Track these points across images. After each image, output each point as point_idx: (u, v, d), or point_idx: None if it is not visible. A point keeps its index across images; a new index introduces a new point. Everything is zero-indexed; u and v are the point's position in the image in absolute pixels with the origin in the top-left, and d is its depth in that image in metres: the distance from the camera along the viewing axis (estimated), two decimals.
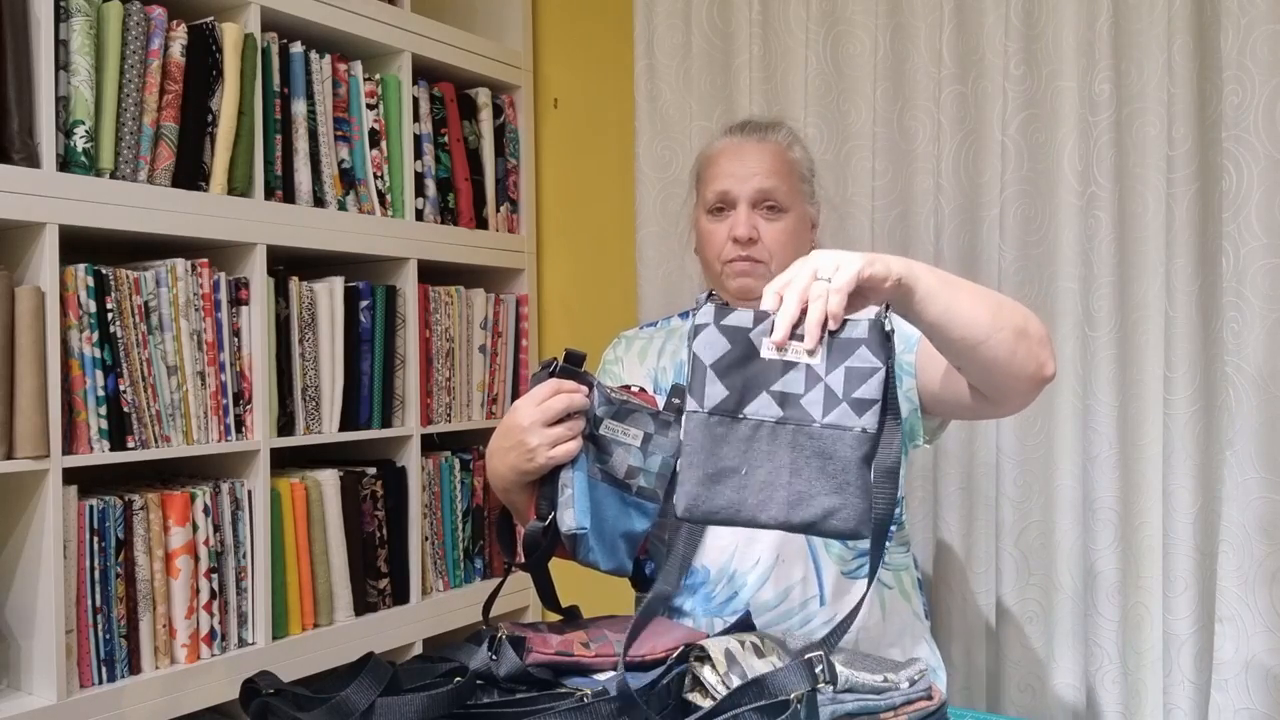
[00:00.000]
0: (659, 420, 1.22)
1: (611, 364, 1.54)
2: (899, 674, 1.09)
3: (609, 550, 1.20)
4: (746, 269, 1.42)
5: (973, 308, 1.12)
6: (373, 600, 1.85)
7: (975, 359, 1.15)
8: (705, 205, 1.47)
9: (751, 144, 1.46)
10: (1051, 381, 1.19)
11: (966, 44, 1.73)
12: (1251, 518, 1.45)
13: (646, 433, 1.21)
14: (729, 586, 1.36)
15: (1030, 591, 1.71)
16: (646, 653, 1.12)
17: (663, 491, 1.23)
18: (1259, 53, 1.43)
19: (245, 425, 1.64)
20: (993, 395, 1.22)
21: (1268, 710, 1.45)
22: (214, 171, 1.59)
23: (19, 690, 1.42)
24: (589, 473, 1.19)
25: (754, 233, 1.41)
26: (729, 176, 1.44)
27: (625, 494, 1.21)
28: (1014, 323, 1.14)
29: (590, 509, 1.18)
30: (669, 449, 1.22)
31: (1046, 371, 1.18)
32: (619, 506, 1.21)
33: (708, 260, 1.48)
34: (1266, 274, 1.44)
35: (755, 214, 1.42)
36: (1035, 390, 1.20)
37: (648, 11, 2.00)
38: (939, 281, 1.12)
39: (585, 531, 1.16)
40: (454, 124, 2.06)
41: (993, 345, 1.13)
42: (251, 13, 1.64)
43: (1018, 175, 1.67)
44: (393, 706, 0.98)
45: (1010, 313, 1.15)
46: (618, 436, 1.21)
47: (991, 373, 1.17)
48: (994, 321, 1.12)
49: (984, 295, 1.15)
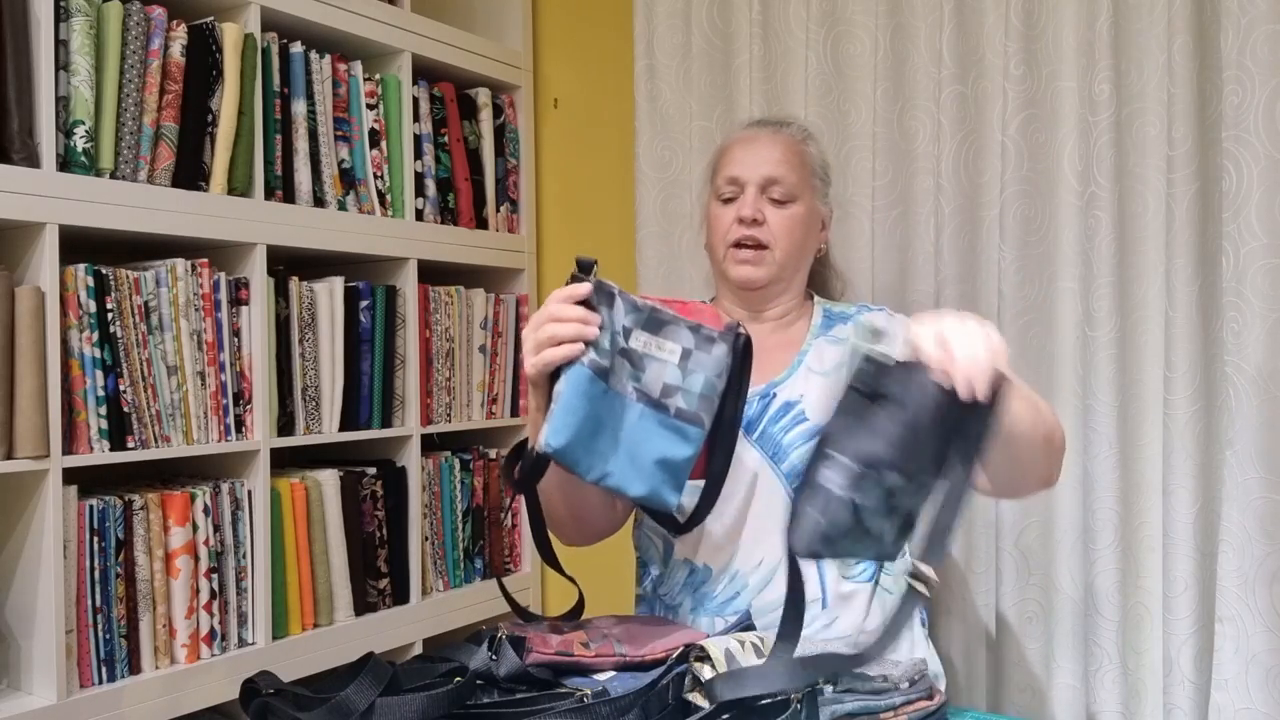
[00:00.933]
0: (700, 335, 1.11)
1: None
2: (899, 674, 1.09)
3: (640, 474, 1.10)
4: (749, 257, 1.43)
5: (1022, 410, 1.12)
6: (373, 600, 1.85)
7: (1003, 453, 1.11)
8: (716, 192, 1.48)
9: (766, 134, 1.49)
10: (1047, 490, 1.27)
11: (966, 44, 1.73)
12: (1251, 518, 1.45)
13: (685, 348, 1.11)
14: (730, 587, 1.36)
15: (1030, 592, 1.71)
16: (646, 653, 1.12)
17: (708, 416, 1.11)
18: (1259, 53, 1.43)
19: (245, 425, 1.64)
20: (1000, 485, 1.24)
21: (1268, 710, 1.45)
22: (214, 171, 1.59)
23: (19, 690, 1.42)
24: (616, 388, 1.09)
25: (759, 214, 1.42)
26: (739, 163, 1.45)
27: (664, 415, 1.11)
28: (1046, 430, 1.17)
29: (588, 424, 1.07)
30: (712, 368, 1.11)
31: (1052, 482, 1.27)
32: (655, 428, 1.10)
33: (713, 247, 1.49)
34: (1266, 274, 1.44)
35: (762, 199, 1.43)
36: (1036, 491, 1.29)
37: (648, 11, 2.00)
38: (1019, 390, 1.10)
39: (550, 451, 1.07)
40: (454, 124, 2.06)
41: (1023, 444, 1.15)
42: (251, 13, 1.64)
43: (1018, 175, 1.67)
44: (393, 706, 0.98)
45: (1045, 418, 1.18)
46: (651, 350, 1.10)
47: (1010, 467, 1.18)
48: (1033, 425, 1.15)
49: (1028, 398, 1.16)
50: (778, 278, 1.45)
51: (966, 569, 1.74)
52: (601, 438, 1.10)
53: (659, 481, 1.10)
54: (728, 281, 1.47)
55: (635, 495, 1.11)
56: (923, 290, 1.77)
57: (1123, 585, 1.62)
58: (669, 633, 1.19)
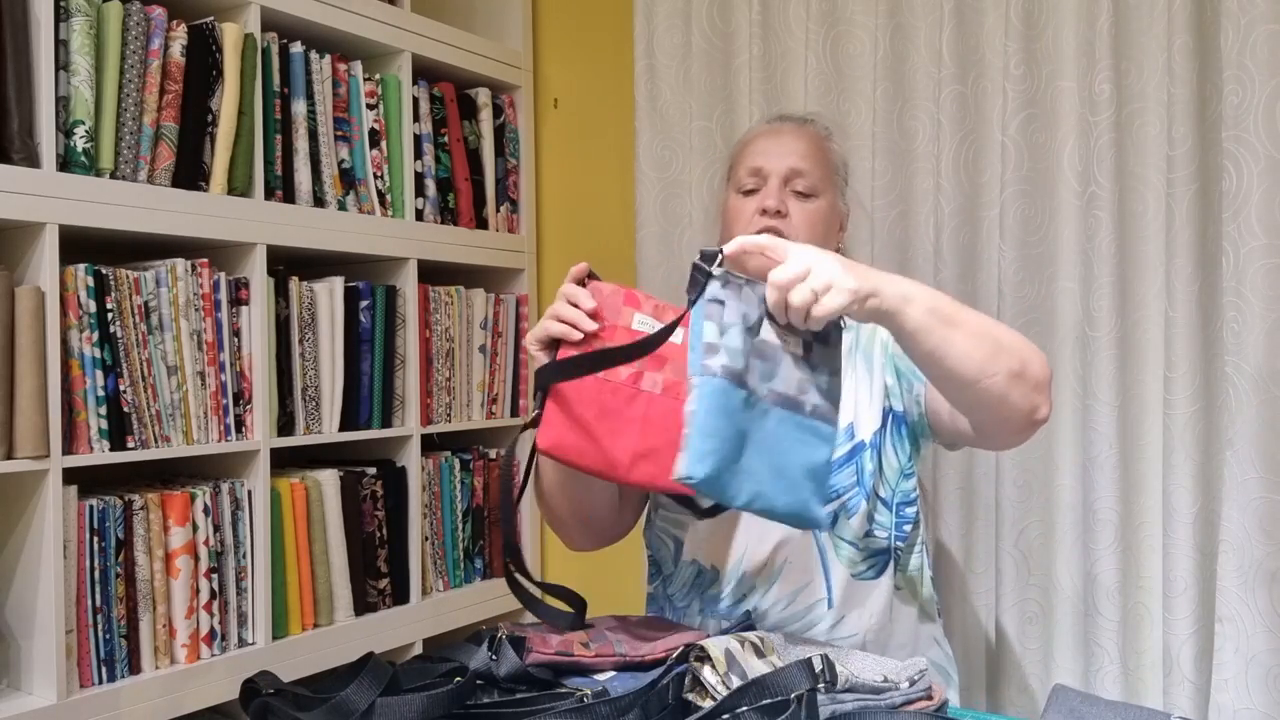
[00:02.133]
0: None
1: None
2: (899, 674, 1.09)
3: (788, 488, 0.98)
4: None
5: (966, 350, 1.11)
6: (373, 600, 1.85)
7: (961, 396, 1.16)
8: (737, 185, 1.45)
9: (789, 128, 1.47)
10: (1044, 423, 1.20)
11: (966, 44, 1.73)
12: (1251, 518, 1.45)
13: (805, 341, 1.00)
14: (737, 588, 1.35)
15: (1030, 592, 1.71)
16: (646, 653, 1.12)
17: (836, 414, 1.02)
18: (1259, 53, 1.43)
19: (245, 425, 1.64)
20: (979, 429, 1.23)
21: (1268, 710, 1.45)
22: (214, 171, 1.59)
23: (19, 690, 1.42)
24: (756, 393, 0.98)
25: (783, 206, 1.39)
26: (763, 154, 1.43)
27: (800, 416, 1.00)
28: (1009, 366, 1.13)
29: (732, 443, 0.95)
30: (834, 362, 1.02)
31: (1039, 415, 1.17)
32: (794, 433, 0.99)
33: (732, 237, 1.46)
34: (1266, 274, 1.44)
35: (786, 192, 1.41)
36: (1025, 431, 1.21)
37: (648, 11, 2.00)
38: (935, 319, 1.10)
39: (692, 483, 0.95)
40: (454, 124, 2.06)
41: (982, 387, 1.12)
42: (251, 13, 1.64)
43: (1018, 175, 1.67)
44: (393, 706, 0.98)
45: (1008, 356, 1.13)
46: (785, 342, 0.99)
47: (980, 412, 1.18)
48: (988, 365, 1.11)
49: (983, 335, 1.13)
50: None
51: (966, 569, 1.75)
52: (748, 453, 0.98)
53: (808, 494, 0.99)
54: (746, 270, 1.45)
55: (781, 513, 0.99)
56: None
57: (1123, 585, 1.62)
58: (669, 633, 1.19)
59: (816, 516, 1.01)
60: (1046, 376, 1.18)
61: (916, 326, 1.09)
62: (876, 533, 1.35)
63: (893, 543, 1.36)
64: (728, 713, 0.95)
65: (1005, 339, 1.16)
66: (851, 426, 1.34)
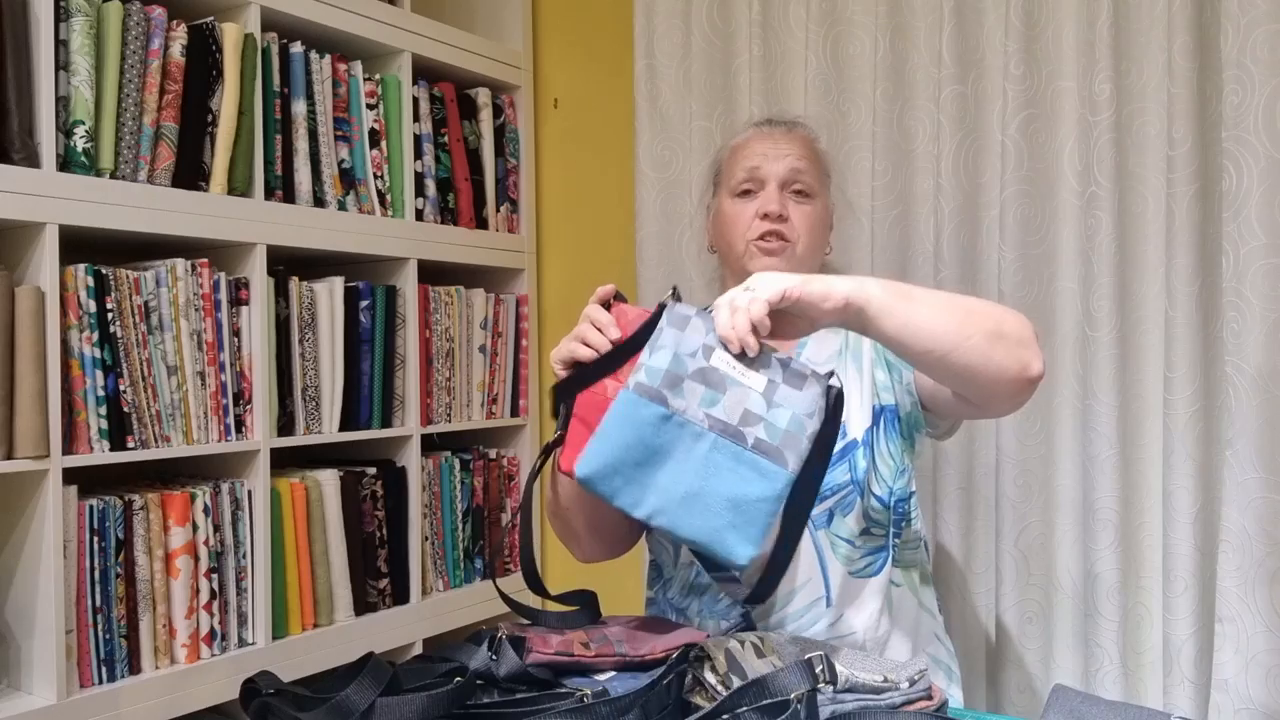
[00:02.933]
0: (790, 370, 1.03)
1: None
2: (899, 674, 1.09)
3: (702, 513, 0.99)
4: (774, 248, 1.40)
5: (934, 319, 1.10)
6: (373, 600, 1.85)
7: (946, 369, 1.14)
8: (731, 188, 1.45)
9: (781, 131, 1.48)
10: (1040, 380, 1.16)
11: (966, 44, 1.73)
12: (1251, 518, 1.45)
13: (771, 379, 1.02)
14: None
15: (1030, 592, 1.71)
16: (646, 653, 1.12)
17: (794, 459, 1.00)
18: (1259, 53, 1.43)
19: (245, 425, 1.64)
20: (976, 399, 1.21)
21: (1268, 710, 1.45)
22: (214, 171, 1.59)
23: (19, 690, 1.42)
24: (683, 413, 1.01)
25: (784, 210, 1.40)
26: (760, 156, 1.43)
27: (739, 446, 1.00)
28: (984, 328, 1.11)
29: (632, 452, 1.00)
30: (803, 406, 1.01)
31: (1031, 371, 1.14)
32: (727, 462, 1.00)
33: (730, 243, 1.44)
34: (1266, 274, 1.44)
35: (784, 195, 1.41)
36: (1023, 391, 1.17)
37: (648, 11, 2.00)
38: (895, 296, 1.10)
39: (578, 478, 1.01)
40: (454, 124, 2.06)
41: (962, 353, 1.11)
42: (251, 13, 1.64)
43: (1018, 175, 1.67)
44: (393, 706, 0.98)
45: (981, 318, 1.12)
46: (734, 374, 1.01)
47: (967, 380, 1.15)
48: (960, 330, 1.10)
49: (949, 305, 1.13)
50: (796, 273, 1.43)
51: (966, 569, 1.74)
52: (653, 468, 1.01)
53: (724, 524, 0.98)
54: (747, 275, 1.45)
55: (686, 536, 1.00)
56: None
57: (1123, 585, 1.62)
58: (669, 633, 1.19)
59: (729, 549, 0.99)
60: (1029, 332, 1.15)
61: (879, 309, 1.09)
62: (873, 530, 1.35)
63: (890, 539, 1.36)
64: (728, 713, 0.95)
65: (974, 305, 1.15)
66: (844, 425, 1.34)
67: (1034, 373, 1.14)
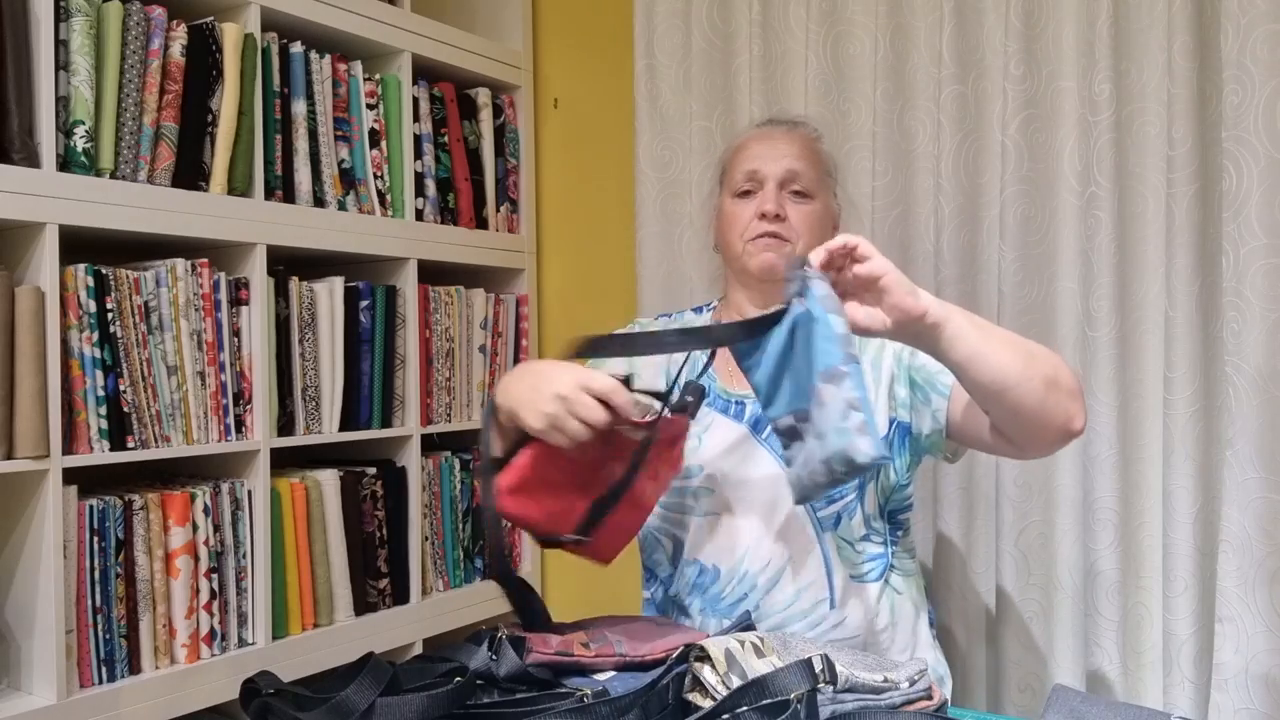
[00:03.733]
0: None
1: None
2: (899, 674, 1.09)
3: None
4: (770, 246, 1.40)
5: (1002, 354, 1.14)
6: (373, 600, 1.85)
7: (1003, 403, 1.16)
8: (732, 188, 1.46)
9: (781, 131, 1.48)
10: (1079, 436, 1.21)
11: (966, 44, 1.73)
12: (1251, 518, 1.45)
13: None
14: (739, 587, 1.35)
15: (1030, 591, 1.71)
16: (646, 653, 1.12)
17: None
18: (1259, 53, 1.43)
19: (245, 425, 1.64)
20: (1018, 440, 1.23)
21: (1268, 710, 1.45)
22: (214, 171, 1.59)
23: (19, 690, 1.43)
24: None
25: (781, 210, 1.40)
26: (758, 157, 1.44)
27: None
28: (1044, 373, 1.15)
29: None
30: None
31: (1075, 425, 1.18)
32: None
33: (730, 242, 1.45)
34: (1266, 274, 1.44)
35: (783, 195, 1.42)
36: (1061, 442, 1.22)
37: (648, 11, 2.00)
38: (971, 324, 1.14)
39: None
40: (454, 124, 2.06)
41: (1022, 392, 1.14)
42: (251, 13, 1.64)
43: (1018, 175, 1.67)
44: (393, 706, 0.98)
45: (1042, 364, 1.16)
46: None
47: (1019, 418, 1.18)
48: (1024, 370, 1.14)
49: (1015, 344, 1.16)
50: None
51: (966, 568, 1.74)
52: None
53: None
54: (746, 275, 1.44)
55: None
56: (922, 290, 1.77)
57: (1123, 585, 1.62)
58: (669, 633, 1.19)
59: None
60: (1079, 386, 1.20)
61: (955, 331, 1.12)
62: (872, 536, 1.36)
63: (889, 546, 1.37)
64: (728, 713, 0.95)
65: (1035, 349, 1.19)
66: None
67: (1076, 426, 1.19)
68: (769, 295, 1.44)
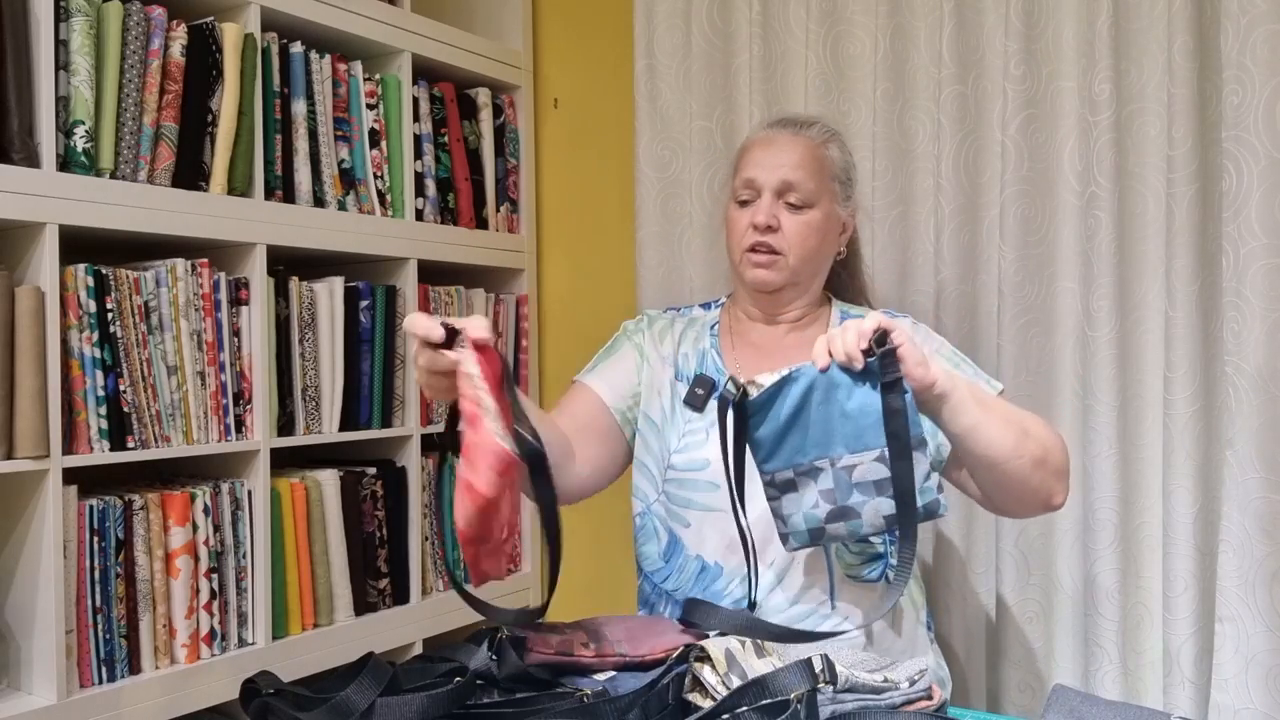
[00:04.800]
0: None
1: (633, 333, 1.51)
2: (899, 674, 1.09)
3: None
4: (764, 260, 1.40)
5: (997, 431, 1.20)
6: (373, 600, 1.85)
7: (991, 475, 1.24)
8: (734, 194, 1.45)
9: (785, 136, 1.44)
10: (1058, 509, 1.30)
11: (966, 44, 1.73)
12: (1251, 518, 1.45)
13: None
14: (741, 586, 1.35)
15: (1030, 591, 1.71)
16: (646, 653, 1.12)
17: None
18: (1259, 53, 1.43)
19: (245, 425, 1.64)
20: (998, 504, 1.32)
21: (1268, 710, 1.45)
22: (214, 171, 1.59)
23: (19, 690, 1.42)
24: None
25: (774, 221, 1.40)
26: (757, 165, 1.42)
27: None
28: (1034, 453, 1.22)
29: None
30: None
31: (1054, 502, 1.28)
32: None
33: (729, 248, 1.47)
34: (1266, 274, 1.44)
35: (778, 205, 1.41)
36: (1039, 512, 1.31)
37: (648, 11, 2.00)
38: (974, 400, 1.19)
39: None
40: (454, 124, 2.06)
41: (1010, 468, 1.22)
42: (251, 13, 1.64)
43: (1018, 175, 1.67)
44: (393, 706, 0.98)
45: (1034, 443, 1.23)
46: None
47: (1003, 490, 1.26)
48: (1015, 449, 1.20)
49: (1013, 422, 1.23)
50: (792, 282, 1.42)
51: (967, 568, 1.74)
52: None
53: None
54: (743, 283, 1.46)
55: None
56: (923, 290, 1.77)
57: (1123, 585, 1.62)
58: (669, 633, 1.19)
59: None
60: (1066, 464, 1.27)
61: (957, 403, 1.17)
62: (870, 538, 1.36)
63: (887, 548, 1.37)
64: (728, 713, 0.95)
65: (1031, 427, 1.24)
66: None
67: (1056, 503, 1.28)
68: (765, 304, 1.46)
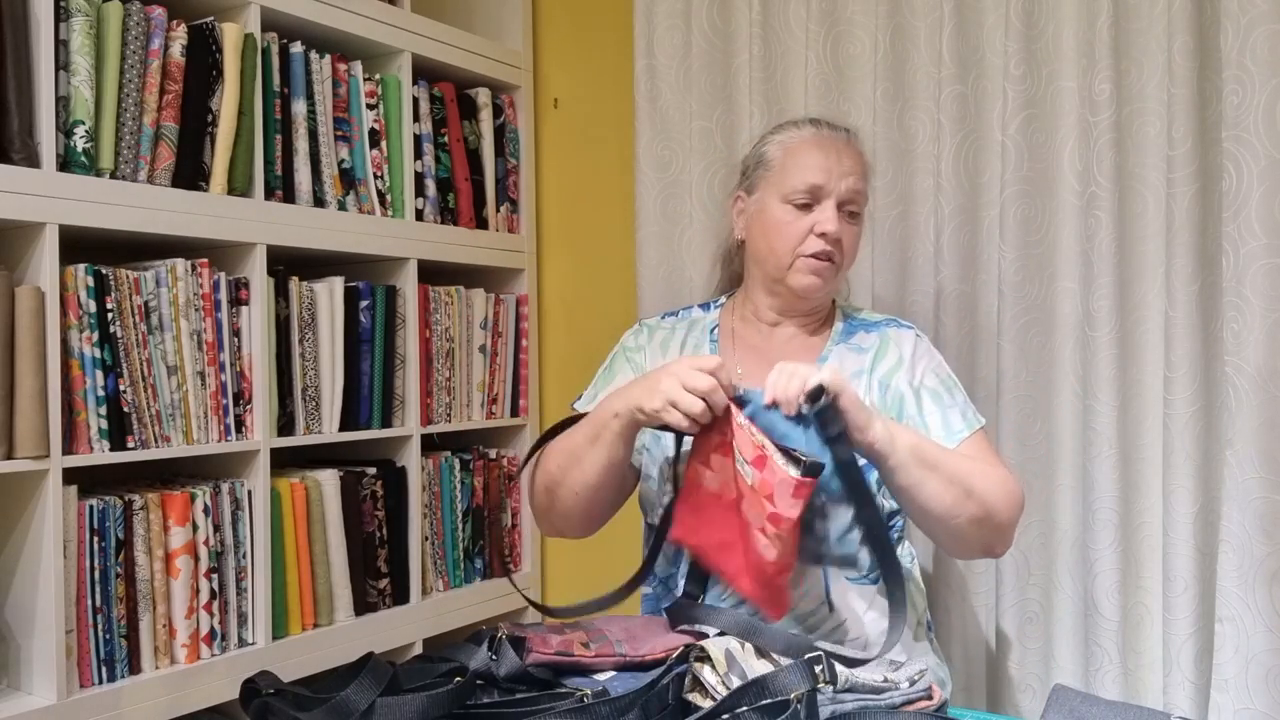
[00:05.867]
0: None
1: (633, 351, 1.49)
2: (899, 674, 1.09)
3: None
4: (820, 269, 1.37)
5: (936, 494, 1.23)
6: (373, 600, 1.85)
7: (925, 526, 1.30)
8: (787, 195, 1.38)
9: (842, 142, 1.41)
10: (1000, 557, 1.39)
11: (966, 44, 1.73)
12: (1251, 518, 1.45)
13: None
14: None
15: (1030, 592, 1.71)
16: (646, 653, 1.12)
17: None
18: (1259, 53, 1.43)
19: (245, 425, 1.64)
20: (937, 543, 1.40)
21: (1268, 710, 1.45)
22: (214, 171, 1.59)
23: (19, 690, 1.43)
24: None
25: (840, 232, 1.37)
26: (823, 170, 1.37)
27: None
28: (973, 513, 1.24)
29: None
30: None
31: (995, 552, 1.33)
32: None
33: (773, 249, 1.39)
34: (1266, 274, 1.44)
35: (841, 214, 1.37)
36: (977, 560, 1.40)
37: (648, 11, 2.00)
38: (914, 462, 1.22)
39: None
40: (454, 124, 2.06)
41: (944, 526, 1.26)
42: (251, 13, 1.64)
43: (1018, 175, 1.67)
44: (393, 706, 0.99)
45: (975, 503, 1.24)
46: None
47: (938, 539, 1.34)
48: (952, 510, 1.24)
49: (955, 482, 1.24)
50: (834, 290, 1.44)
51: (966, 569, 1.74)
52: None
53: None
54: (780, 285, 1.40)
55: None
56: (923, 290, 1.77)
57: (1123, 585, 1.62)
58: (669, 633, 1.19)
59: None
60: (1011, 520, 1.29)
61: (896, 465, 1.21)
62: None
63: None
64: (728, 713, 0.95)
65: (978, 484, 1.25)
66: None
67: (996, 553, 1.33)
68: (791, 304, 1.43)
